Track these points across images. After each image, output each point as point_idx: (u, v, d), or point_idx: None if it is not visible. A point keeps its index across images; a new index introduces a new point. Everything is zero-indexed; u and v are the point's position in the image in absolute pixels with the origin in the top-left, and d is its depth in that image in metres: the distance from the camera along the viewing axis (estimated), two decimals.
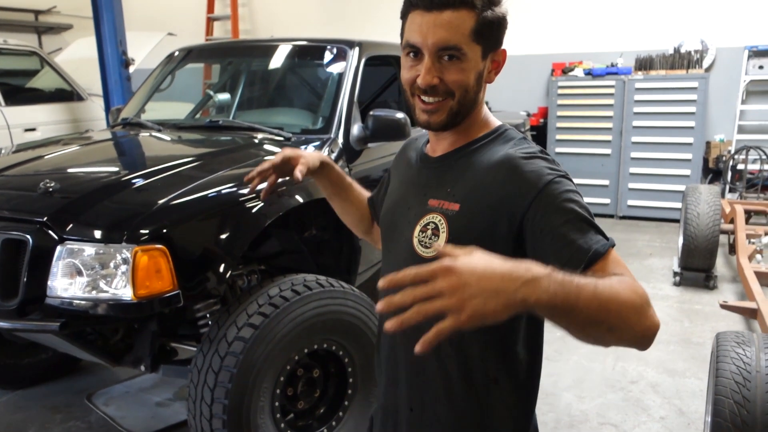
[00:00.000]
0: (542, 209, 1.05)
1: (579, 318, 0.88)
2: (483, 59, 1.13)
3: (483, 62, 1.13)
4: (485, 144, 1.18)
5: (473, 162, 1.16)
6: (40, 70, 6.00)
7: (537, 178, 1.07)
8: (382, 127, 2.99)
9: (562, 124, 6.96)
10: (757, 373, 2.00)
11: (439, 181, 1.19)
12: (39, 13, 9.51)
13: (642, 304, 0.92)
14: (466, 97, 1.13)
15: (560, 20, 7.37)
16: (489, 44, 1.12)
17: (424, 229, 1.16)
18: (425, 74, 1.10)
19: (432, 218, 1.15)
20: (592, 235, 1.02)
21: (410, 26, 1.12)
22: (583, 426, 2.89)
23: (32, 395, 3.23)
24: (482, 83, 1.15)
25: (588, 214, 1.05)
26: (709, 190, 4.80)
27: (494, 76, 1.18)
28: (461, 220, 1.12)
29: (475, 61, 1.11)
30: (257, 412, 2.23)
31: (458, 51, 1.09)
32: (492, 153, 1.15)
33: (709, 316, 4.16)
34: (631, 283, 0.94)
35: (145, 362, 2.43)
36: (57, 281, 2.10)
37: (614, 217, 6.92)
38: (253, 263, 2.78)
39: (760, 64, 6.62)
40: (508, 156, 1.12)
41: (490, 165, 1.13)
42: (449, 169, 1.19)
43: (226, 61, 4.14)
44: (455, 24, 1.08)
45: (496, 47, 1.15)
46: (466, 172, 1.16)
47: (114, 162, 3.06)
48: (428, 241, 1.15)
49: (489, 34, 1.11)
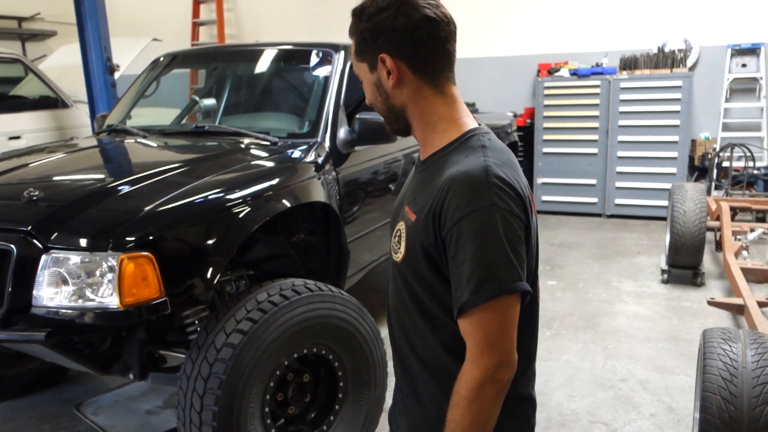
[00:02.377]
0: (455, 238, 1.09)
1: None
2: (372, 71, 1.22)
3: (374, 74, 1.22)
4: (448, 153, 1.19)
5: (434, 172, 1.19)
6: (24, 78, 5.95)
7: (464, 205, 1.08)
8: (369, 130, 2.99)
9: (549, 125, 7.00)
10: (743, 369, 2.01)
11: (414, 189, 1.24)
12: (22, 20, 9.43)
13: (481, 390, 1.08)
14: (378, 109, 1.25)
15: (545, 21, 7.41)
16: (371, 57, 1.21)
17: (395, 235, 1.24)
18: None
19: (400, 225, 1.22)
20: (474, 284, 1.06)
21: None
22: (574, 425, 2.90)
23: (20, 406, 3.19)
24: (386, 92, 1.21)
25: (493, 254, 1.07)
26: (694, 188, 4.84)
27: (395, 81, 1.19)
28: (413, 230, 1.17)
29: (366, 78, 1.24)
30: (247, 418, 2.22)
31: (357, 74, 1.27)
32: (447, 164, 1.16)
33: (697, 313, 4.20)
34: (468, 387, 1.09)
35: (134, 370, 2.42)
36: (42, 290, 2.09)
37: (602, 216, 6.96)
38: (241, 268, 2.77)
39: (743, 62, 6.70)
40: (451, 174, 1.12)
41: (440, 179, 1.15)
42: (421, 178, 1.24)
43: (212, 66, 4.13)
44: (351, 51, 1.27)
45: (375, 56, 1.19)
46: (428, 183, 1.19)
47: (99, 169, 3.04)
48: (396, 247, 1.23)
49: (366, 48, 1.21)
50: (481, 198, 1.08)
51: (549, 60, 7.24)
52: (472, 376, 1.09)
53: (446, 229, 1.10)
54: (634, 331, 3.95)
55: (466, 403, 1.09)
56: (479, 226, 1.07)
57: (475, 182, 1.09)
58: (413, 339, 1.24)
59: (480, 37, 7.52)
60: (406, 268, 1.20)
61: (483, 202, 1.07)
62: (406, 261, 1.19)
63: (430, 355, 1.22)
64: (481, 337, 1.08)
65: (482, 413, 1.10)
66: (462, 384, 1.10)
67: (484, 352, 1.08)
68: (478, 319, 1.08)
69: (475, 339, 1.09)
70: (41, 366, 3.27)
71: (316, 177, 2.89)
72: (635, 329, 3.97)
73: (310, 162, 2.92)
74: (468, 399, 1.09)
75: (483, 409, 1.09)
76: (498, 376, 1.09)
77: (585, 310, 4.31)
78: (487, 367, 1.08)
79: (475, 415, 1.09)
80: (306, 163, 2.91)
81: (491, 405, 1.10)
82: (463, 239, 1.07)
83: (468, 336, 1.10)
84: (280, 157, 2.94)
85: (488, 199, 1.07)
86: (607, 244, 5.90)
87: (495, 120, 5.69)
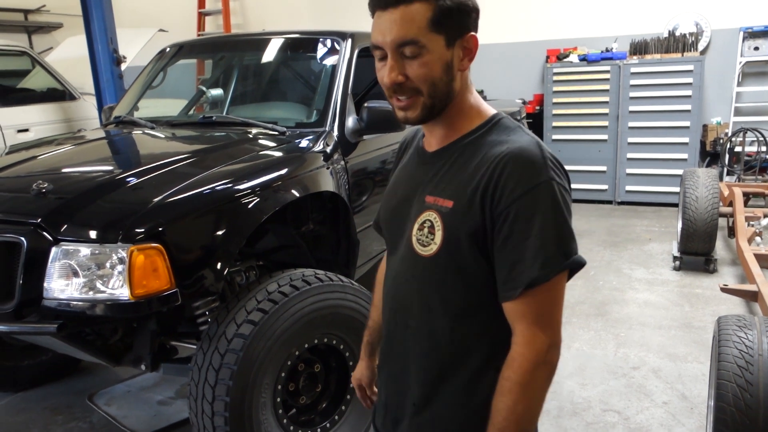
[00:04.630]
0: (513, 215, 1.05)
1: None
2: (449, 47, 1.11)
3: (449, 50, 1.11)
4: (479, 136, 1.16)
5: (467, 156, 1.15)
6: (32, 70, 5.95)
7: (525, 181, 1.06)
8: (377, 119, 2.97)
9: (558, 111, 6.94)
10: (759, 356, 1.99)
11: (435, 177, 1.18)
12: (28, 13, 9.42)
13: (534, 372, 1.06)
14: (435, 90, 1.12)
15: (554, 6, 7.32)
16: (453, 32, 1.10)
17: (421, 227, 1.16)
18: (389, 72, 1.10)
19: (428, 216, 1.15)
20: (542, 258, 1.04)
21: (373, 27, 1.12)
22: (586, 413, 2.89)
23: (33, 397, 3.22)
24: (453, 72, 1.13)
25: (559, 228, 1.06)
26: (707, 174, 4.79)
27: (468, 63, 1.15)
28: (455, 217, 1.11)
29: (438, 53, 1.09)
30: (259, 408, 2.22)
31: (417, 45, 1.08)
32: (486, 146, 1.13)
33: (709, 300, 4.16)
34: (522, 369, 1.06)
35: (146, 361, 2.42)
36: (53, 283, 2.09)
37: (612, 203, 6.91)
38: (251, 259, 2.76)
39: (756, 45, 6.59)
40: (502, 152, 1.09)
41: (484, 159, 1.11)
42: (444, 164, 1.18)
43: (218, 56, 4.10)
44: (410, 18, 1.07)
45: (463, 33, 1.12)
46: (460, 168, 1.14)
47: (108, 161, 3.03)
48: (425, 239, 1.14)
49: (451, 22, 1.09)
50: (540, 173, 1.06)
51: (558, 46, 7.16)
52: (525, 359, 1.06)
53: (502, 207, 1.06)
54: (646, 318, 3.92)
55: (519, 389, 1.06)
56: (542, 201, 1.05)
57: (533, 158, 1.08)
58: (428, 339, 1.19)
59: (488, 23, 7.40)
60: (440, 260, 1.13)
61: (543, 177, 1.06)
62: (443, 252, 1.12)
63: (447, 353, 1.17)
64: (535, 317, 1.06)
65: (535, 397, 1.07)
66: (515, 369, 1.07)
67: (536, 333, 1.06)
68: (538, 295, 1.06)
69: (529, 319, 1.07)
70: (53, 357, 3.30)
71: (325, 166, 2.88)
72: (647, 317, 3.94)
73: (318, 151, 2.90)
74: (522, 384, 1.06)
75: (536, 393, 1.07)
76: (549, 357, 1.07)
77: (596, 298, 4.28)
78: (541, 348, 1.06)
79: (529, 399, 1.06)
80: (314, 153, 2.89)
81: (543, 388, 1.08)
82: (524, 216, 1.05)
83: (520, 317, 1.08)
84: (288, 146, 2.92)
85: (547, 174, 1.07)
86: (618, 231, 5.86)
87: (504, 107, 5.63)
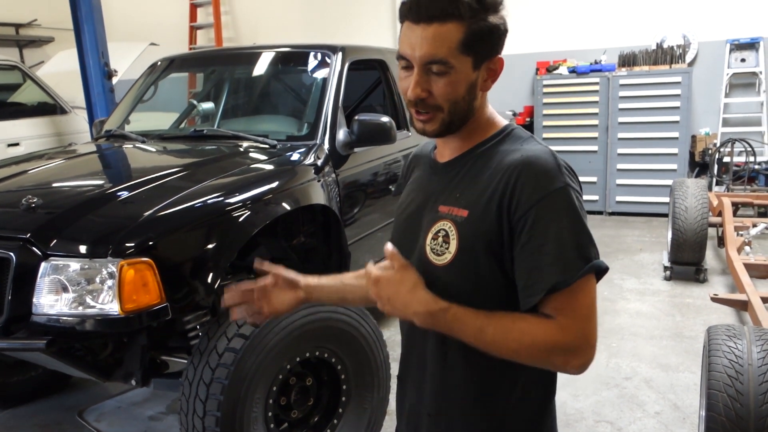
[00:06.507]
0: (530, 222, 1.05)
1: (466, 340, 1.08)
2: (475, 69, 1.11)
3: (476, 72, 1.11)
4: (492, 145, 1.17)
5: (481, 165, 1.15)
6: (22, 84, 5.94)
7: (541, 188, 1.06)
8: (368, 132, 2.98)
9: (549, 123, 6.99)
10: (749, 365, 2.00)
11: (448, 187, 1.18)
12: (19, 27, 9.42)
13: (549, 351, 1.05)
14: (456, 108, 1.12)
15: (544, 19, 7.40)
16: (481, 54, 1.11)
17: (435, 237, 1.15)
18: (413, 87, 1.10)
19: (442, 225, 1.15)
20: (563, 263, 1.04)
21: (402, 37, 1.12)
22: (579, 425, 2.89)
23: (22, 414, 3.18)
24: (475, 92, 1.14)
25: (578, 233, 1.06)
26: (696, 184, 4.83)
27: (491, 84, 1.16)
28: (470, 227, 1.11)
29: (465, 73, 1.10)
30: (250, 422, 2.21)
31: (445, 65, 1.08)
32: (500, 155, 1.14)
33: (700, 310, 4.18)
34: (546, 333, 1.05)
35: (136, 376, 2.40)
36: (42, 298, 2.07)
37: (603, 214, 6.94)
38: (242, 272, 2.75)
39: (742, 57, 6.69)
40: (516, 160, 1.10)
41: (498, 168, 1.12)
42: (457, 174, 1.18)
43: (210, 69, 4.12)
44: (442, 37, 1.06)
45: (491, 56, 1.12)
46: (474, 177, 1.15)
47: (98, 175, 3.02)
48: (440, 249, 1.14)
49: (480, 44, 1.09)
50: (556, 179, 1.07)
51: (547, 58, 7.23)
52: (550, 336, 1.05)
53: (519, 214, 1.06)
54: (638, 328, 3.93)
55: (529, 340, 1.05)
56: (559, 206, 1.06)
57: (548, 165, 1.08)
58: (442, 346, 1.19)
59: None
60: (455, 269, 1.13)
61: (559, 183, 1.07)
62: (457, 262, 1.12)
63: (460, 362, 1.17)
64: (567, 321, 1.06)
65: (520, 356, 1.07)
66: (539, 330, 1.05)
67: (567, 332, 1.06)
68: (561, 300, 1.06)
69: (564, 320, 1.06)
70: (43, 373, 3.26)
71: (316, 179, 2.88)
72: (638, 327, 3.96)
73: (309, 164, 2.91)
74: (527, 345, 1.05)
75: (528, 357, 1.07)
76: (567, 359, 1.06)
77: None
78: (566, 343, 1.05)
79: (513, 351, 1.06)
80: (305, 166, 2.89)
81: (534, 361, 1.08)
82: (542, 222, 1.05)
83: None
84: (279, 159, 2.93)
85: (563, 180, 1.07)
86: (609, 242, 5.89)
87: None
